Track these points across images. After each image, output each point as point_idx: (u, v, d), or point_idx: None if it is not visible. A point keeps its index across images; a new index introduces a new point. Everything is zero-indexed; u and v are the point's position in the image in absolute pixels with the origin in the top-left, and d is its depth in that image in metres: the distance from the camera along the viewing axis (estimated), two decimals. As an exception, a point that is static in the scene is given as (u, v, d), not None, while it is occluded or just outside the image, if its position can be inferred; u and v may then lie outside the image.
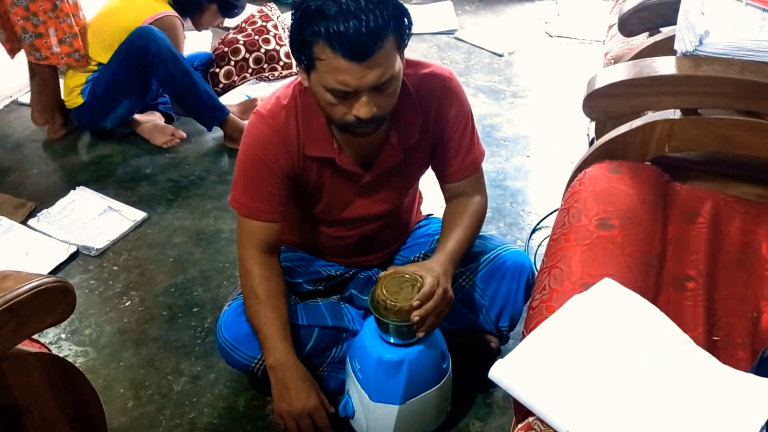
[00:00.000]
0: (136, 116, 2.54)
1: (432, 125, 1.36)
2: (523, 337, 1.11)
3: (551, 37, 3.46)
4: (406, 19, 1.14)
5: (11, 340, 0.88)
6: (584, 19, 3.56)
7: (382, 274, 1.32)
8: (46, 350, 1.06)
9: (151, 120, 2.56)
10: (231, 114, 2.42)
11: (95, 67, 2.37)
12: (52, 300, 0.92)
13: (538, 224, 2.10)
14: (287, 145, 1.29)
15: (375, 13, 1.07)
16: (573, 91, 2.89)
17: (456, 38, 3.44)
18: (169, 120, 2.63)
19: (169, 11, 2.36)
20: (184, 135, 2.55)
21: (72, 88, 2.42)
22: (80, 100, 2.40)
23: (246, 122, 2.43)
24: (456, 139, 1.38)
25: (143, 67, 2.28)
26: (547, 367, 0.97)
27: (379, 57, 1.10)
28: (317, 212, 1.41)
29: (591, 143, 1.99)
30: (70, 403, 1.07)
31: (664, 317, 1.04)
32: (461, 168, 1.42)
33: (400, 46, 1.16)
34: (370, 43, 1.08)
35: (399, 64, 1.17)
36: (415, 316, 1.24)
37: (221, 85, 2.79)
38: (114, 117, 2.43)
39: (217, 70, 2.78)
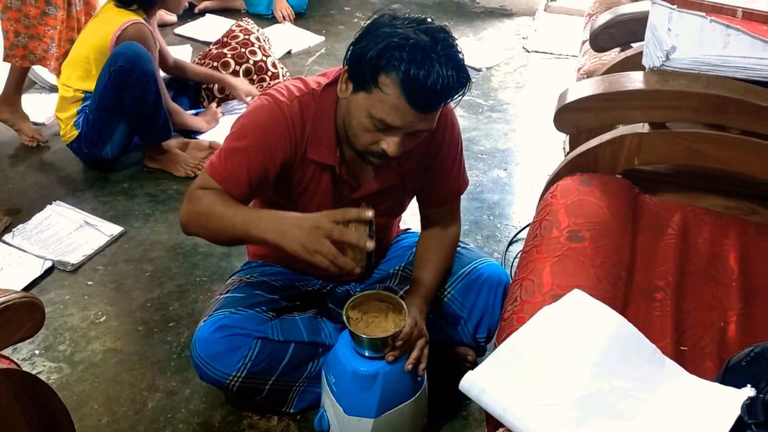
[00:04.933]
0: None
1: (427, 152, 1.39)
2: (495, 348, 1.12)
3: (528, 52, 3.50)
4: (464, 90, 1.18)
5: (-23, 356, 0.87)
6: (561, 35, 3.62)
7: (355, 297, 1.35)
8: (15, 366, 1.05)
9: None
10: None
11: (81, 95, 2.32)
12: (20, 316, 0.92)
13: (514, 237, 2.12)
14: (293, 137, 1.28)
15: (451, 77, 1.12)
16: (550, 106, 2.91)
17: (435, 53, 3.46)
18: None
19: (133, 18, 2.27)
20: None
21: (65, 122, 2.37)
22: (75, 132, 2.34)
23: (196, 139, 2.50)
24: (445, 166, 1.43)
25: (123, 85, 2.20)
26: (516, 378, 0.98)
27: (435, 113, 1.17)
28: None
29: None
30: (40, 421, 1.05)
31: (633, 328, 1.05)
32: (442, 196, 1.47)
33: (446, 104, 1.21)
34: (437, 101, 1.15)
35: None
36: (390, 356, 1.30)
37: (216, 100, 2.80)
38: (113, 145, 2.35)
39: (212, 85, 2.79)
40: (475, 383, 0.99)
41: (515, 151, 2.64)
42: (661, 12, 1.39)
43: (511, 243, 2.10)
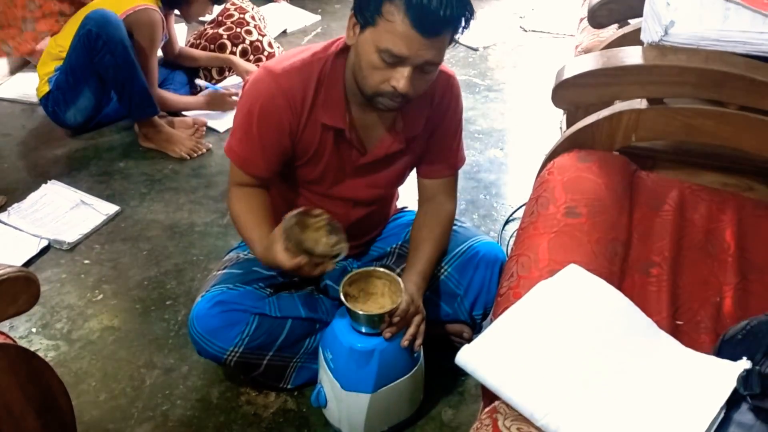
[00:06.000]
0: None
1: (432, 121, 1.40)
2: (491, 323, 1.12)
3: (525, 31, 3.48)
4: (468, 23, 1.18)
5: (-27, 329, 0.87)
6: (558, 14, 3.59)
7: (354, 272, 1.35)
8: (11, 341, 1.05)
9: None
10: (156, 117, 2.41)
11: (64, 54, 2.32)
12: (14, 290, 0.91)
13: (511, 215, 2.12)
14: (292, 106, 1.29)
15: (455, 1, 1.12)
16: (546, 85, 2.88)
17: (432, 32, 3.44)
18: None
19: (148, 5, 2.30)
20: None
21: (42, 76, 2.38)
22: (47, 88, 2.36)
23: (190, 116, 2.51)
24: (446, 138, 1.44)
25: (92, 51, 2.21)
26: (512, 352, 0.98)
27: (441, 40, 1.15)
28: (310, 180, 1.41)
29: (564, 135, 2.01)
30: (37, 395, 1.06)
31: (628, 301, 1.05)
32: (441, 168, 1.47)
33: (451, 41, 1.20)
34: (443, 24, 1.13)
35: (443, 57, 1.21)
36: (387, 333, 1.30)
37: (214, 81, 2.78)
38: (76, 110, 2.37)
39: (211, 67, 2.78)
40: (472, 357, 0.99)
41: (512, 131, 2.63)
42: (660, -14, 1.38)
43: (507, 222, 2.10)
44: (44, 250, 1.94)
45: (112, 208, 2.10)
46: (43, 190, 2.16)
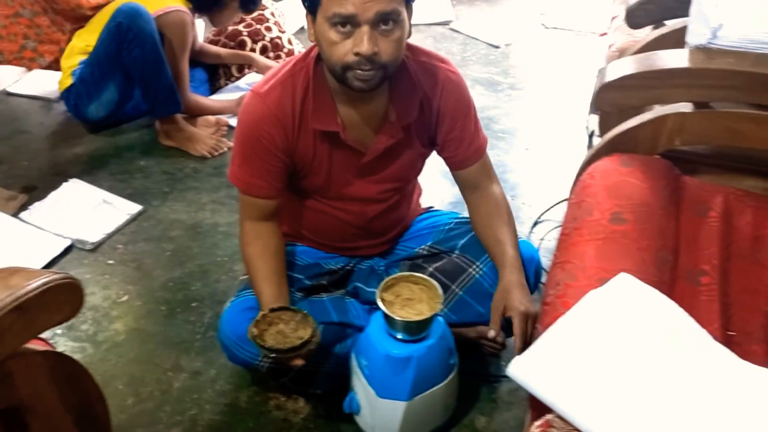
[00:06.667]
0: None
1: (431, 111, 1.36)
2: (539, 332, 1.09)
3: (547, 28, 3.44)
4: None
5: (19, 339, 0.85)
6: (580, 11, 3.55)
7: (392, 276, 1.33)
8: (50, 348, 1.03)
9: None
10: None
11: (90, 49, 2.30)
12: (60, 297, 0.89)
13: (539, 217, 2.09)
14: (282, 122, 1.29)
15: None
16: (570, 84, 2.89)
17: (451, 29, 3.42)
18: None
19: (181, 6, 2.28)
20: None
21: (65, 69, 2.35)
22: (69, 81, 2.33)
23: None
24: (460, 127, 1.40)
25: (121, 43, 2.19)
26: (567, 364, 0.96)
27: None
28: (317, 187, 1.40)
29: (590, 136, 1.97)
30: (75, 402, 1.04)
31: (683, 312, 1.03)
32: (468, 155, 1.43)
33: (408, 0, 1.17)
34: None
35: (405, 15, 1.18)
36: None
37: (233, 78, 2.76)
38: (99, 104, 2.34)
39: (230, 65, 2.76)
40: (524, 370, 0.96)
41: (536, 130, 2.60)
42: (707, -13, 1.35)
43: (535, 224, 2.07)
44: (67, 250, 1.92)
45: (135, 208, 2.08)
46: (64, 189, 2.14)
